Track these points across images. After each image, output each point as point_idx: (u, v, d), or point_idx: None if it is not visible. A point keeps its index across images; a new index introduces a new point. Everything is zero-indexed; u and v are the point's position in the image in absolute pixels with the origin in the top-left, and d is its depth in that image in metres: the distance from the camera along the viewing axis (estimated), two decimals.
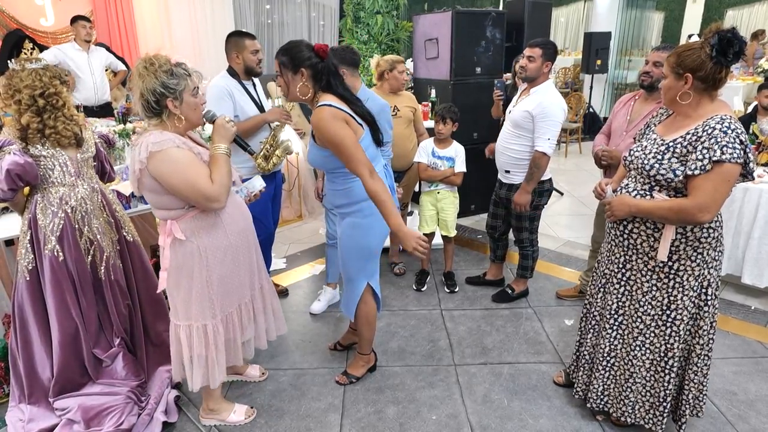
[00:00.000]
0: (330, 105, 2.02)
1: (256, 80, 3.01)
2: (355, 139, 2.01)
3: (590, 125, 7.90)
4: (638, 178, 1.91)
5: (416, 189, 3.66)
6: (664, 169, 1.79)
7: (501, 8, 8.10)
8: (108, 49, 5.13)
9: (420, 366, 2.72)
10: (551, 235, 4.51)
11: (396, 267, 3.79)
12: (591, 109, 8.07)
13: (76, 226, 2.21)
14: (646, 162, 1.84)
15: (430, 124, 4.05)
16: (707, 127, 1.70)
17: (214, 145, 1.92)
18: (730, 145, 1.65)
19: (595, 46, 7.77)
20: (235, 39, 2.83)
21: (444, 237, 3.49)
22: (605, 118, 3.17)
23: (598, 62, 7.83)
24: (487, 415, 2.35)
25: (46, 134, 2.10)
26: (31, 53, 5.03)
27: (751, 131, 3.69)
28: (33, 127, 2.07)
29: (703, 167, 1.69)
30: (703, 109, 1.77)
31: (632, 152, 1.94)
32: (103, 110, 4.78)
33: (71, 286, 2.22)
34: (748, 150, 1.69)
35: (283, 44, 2.09)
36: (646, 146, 1.89)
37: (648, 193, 1.86)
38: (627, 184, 1.95)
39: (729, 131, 1.66)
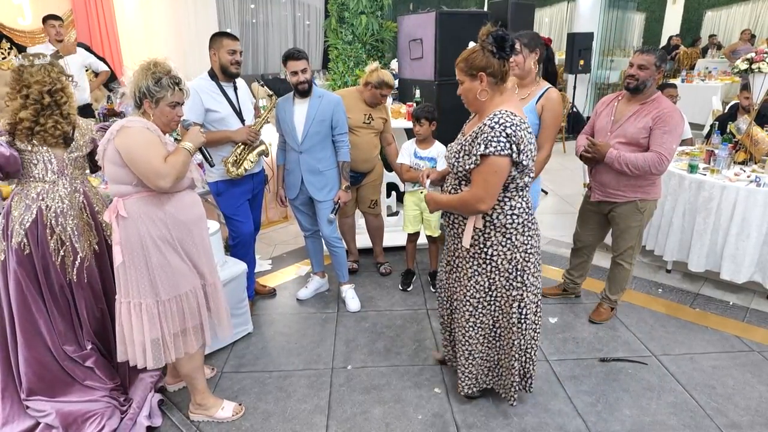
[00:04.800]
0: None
1: (241, 83, 2.99)
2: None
3: (574, 125, 7.99)
4: (452, 175, 2.10)
5: (401, 189, 3.67)
6: (461, 165, 1.98)
7: (485, 9, 8.15)
8: (88, 49, 5.04)
9: (406, 366, 2.73)
10: None
11: (382, 267, 3.80)
12: (575, 109, 8.15)
13: (47, 223, 2.17)
14: (450, 158, 2.05)
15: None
16: (482, 125, 1.89)
17: (182, 142, 2.09)
18: (495, 140, 1.83)
19: (578, 47, 7.84)
20: (217, 37, 2.84)
21: (428, 237, 3.50)
22: (588, 118, 3.21)
23: (581, 62, 7.92)
24: (472, 413, 2.37)
25: (34, 131, 2.11)
26: (9, 53, 4.94)
27: (728, 130, 3.76)
28: (25, 125, 2.09)
29: (475, 161, 1.88)
30: (492, 104, 1.95)
31: (447, 150, 2.14)
32: (82, 112, 4.66)
33: (34, 282, 2.19)
34: (514, 142, 1.83)
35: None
36: (453, 145, 2.09)
37: (458, 187, 2.05)
38: (447, 180, 2.16)
39: (496, 126, 1.84)
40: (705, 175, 3.40)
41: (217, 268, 2.69)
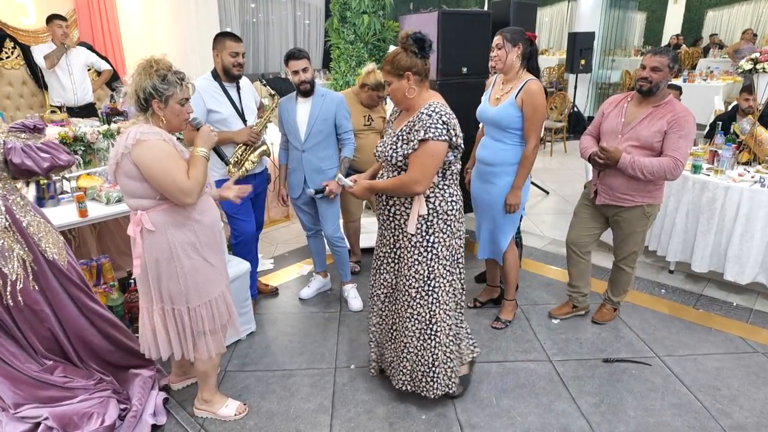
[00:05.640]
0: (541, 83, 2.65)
1: (245, 83, 2.98)
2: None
3: (575, 124, 7.99)
4: (387, 168, 2.19)
5: None
6: (398, 155, 2.08)
7: (486, 8, 8.15)
8: (91, 48, 5.04)
9: None
10: (537, 233, 4.55)
11: None
12: (575, 109, 8.15)
13: None
14: (386, 152, 2.13)
15: None
16: (420, 114, 2.04)
17: (196, 148, 2.02)
18: (433, 126, 1.98)
19: (579, 46, 7.83)
20: (220, 38, 2.84)
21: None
22: (590, 118, 3.17)
23: (582, 62, 7.91)
24: (476, 413, 2.37)
25: None
26: (12, 52, 4.93)
27: (732, 131, 3.76)
28: None
29: (414, 147, 2.01)
30: (421, 99, 2.10)
31: (378, 147, 2.23)
32: (86, 111, 4.67)
33: None
34: (450, 128, 2.01)
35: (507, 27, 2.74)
36: (386, 140, 2.19)
37: None
38: (382, 175, 2.26)
39: (433, 114, 2.00)
40: (708, 175, 3.39)
41: None
